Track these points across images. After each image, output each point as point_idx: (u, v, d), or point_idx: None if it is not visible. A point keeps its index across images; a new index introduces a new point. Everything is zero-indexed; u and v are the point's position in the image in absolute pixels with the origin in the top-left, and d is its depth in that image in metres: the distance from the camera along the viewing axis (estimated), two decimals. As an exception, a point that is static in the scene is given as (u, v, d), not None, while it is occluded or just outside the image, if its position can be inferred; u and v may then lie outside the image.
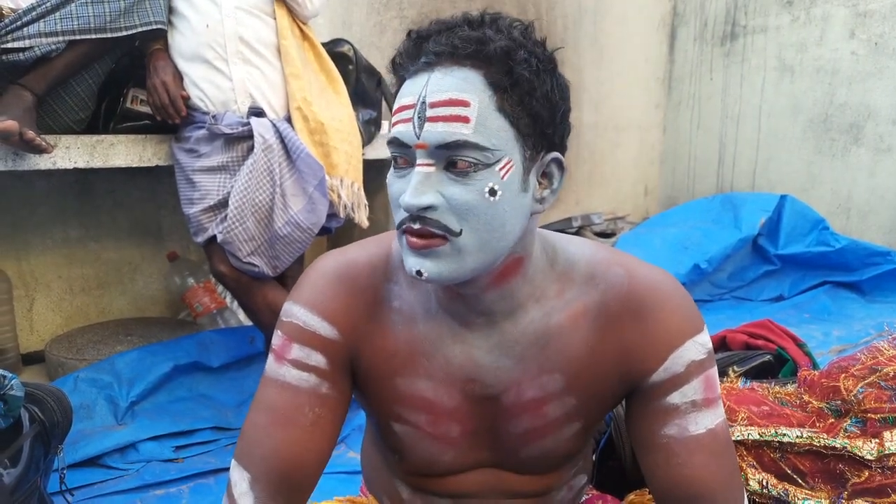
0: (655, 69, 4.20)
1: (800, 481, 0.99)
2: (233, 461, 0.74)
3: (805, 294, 3.06)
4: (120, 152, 1.70)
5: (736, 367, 1.39)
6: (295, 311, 0.75)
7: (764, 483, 0.99)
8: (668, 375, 0.72)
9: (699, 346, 0.72)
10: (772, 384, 1.20)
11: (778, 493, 0.98)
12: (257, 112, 1.65)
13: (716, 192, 3.98)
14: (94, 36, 1.52)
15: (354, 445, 1.74)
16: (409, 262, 0.66)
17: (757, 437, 1.02)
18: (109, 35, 1.54)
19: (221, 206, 1.63)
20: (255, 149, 1.59)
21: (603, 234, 3.65)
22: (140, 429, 1.73)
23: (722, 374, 1.32)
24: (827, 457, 0.98)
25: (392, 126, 0.66)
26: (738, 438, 1.02)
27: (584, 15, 3.72)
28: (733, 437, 0.98)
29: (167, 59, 1.65)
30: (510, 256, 0.69)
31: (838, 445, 0.97)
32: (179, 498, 1.54)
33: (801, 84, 3.59)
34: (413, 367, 0.76)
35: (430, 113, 0.62)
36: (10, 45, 1.46)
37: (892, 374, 0.99)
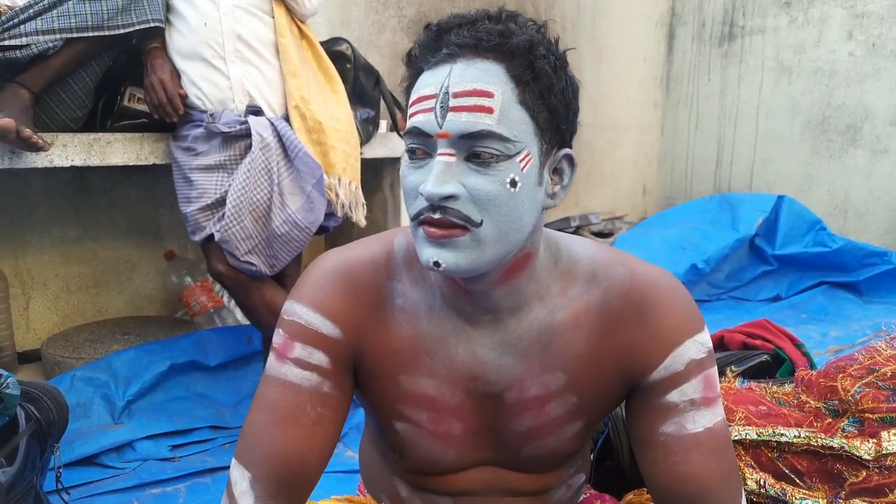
0: (654, 69, 4.20)
1: (797, 481, 0.99)
2: (233, 460, 0.74)
3: (802, 294, 3.07)
4: (117, 150, 1.70)
5: (734, 367, 1.40)
6: (297, 309, 0.74)
7: (762, 483, 1.00)
8: (668, 374, 0.72)
9: (699, 345, 0.73)
10: (769, 384, 1.20)
11: (775, 493, 0.99)
12: (255, 111, 1.64)
13: (713, 192, 3.99)
14: (91, 34, 1.52)
15: (352, 444, 1.74)
16: (425, 254, 0.65)
17: (755, 436, 1.02)
18: (107, 33, 1.53)
19: (219, 204, 1.62)
20: (252, 147, 1.59)
21: (601, 234, 3.65)
22: (137, 428, 1.73)
23: (720, 373, 1.32)
24: (824, 456, 0.98)
25: (410, 117, 0.65)
26: (735, 438, 1.02)
27: (582, 15, 3.72)
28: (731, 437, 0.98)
29: (165, 58, 1.65)
30: (521, 251, 0.69)
31: (836, 445, 0.97)
32: (176, 497, 1.54)
33: (799, 85, 3.60)
34: (416, 364, 0.75)
35: (453, 103, 0.62)
36: (6, 43, 1.45)
37: (889, 374, 0.99)
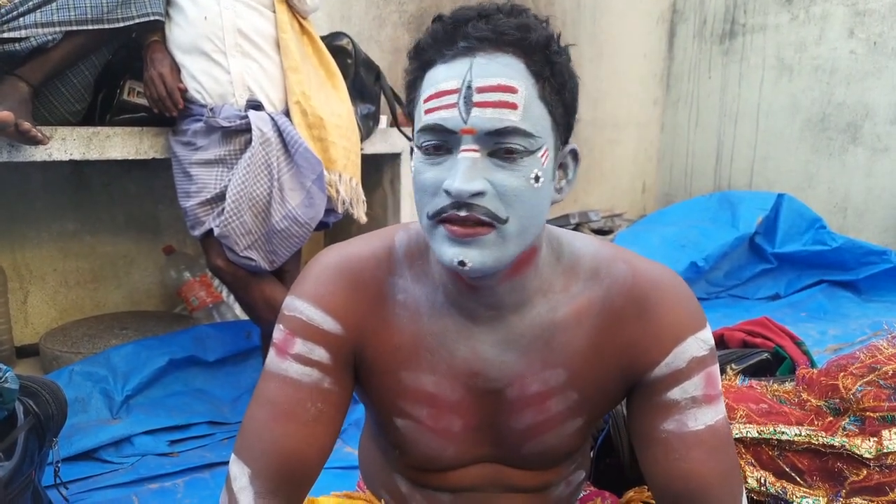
0: (654, 66, 4.19)
1: (798, 479, 0.99)
2: (232, 455, 0.74)
3: (801, 293, 3.07)
4: (116, 144, 1.69)
5: (734, 365, 1.39)
6: (298, 305, 0.74)
7: (762, 481, 0.99)
8: (670, 371, 0.72)
9: (701, 342, 0.72)
10: (770, 382, 1.20)
11: (776, 491, 0.98)
12: (255, 105, 1.63)
13: (713, 190, 3.98)
14: (90, 27, 1.51)
15: (351, 441, 1.73)
16: (448, 253, 0.63)
17: (755, 434, 1.02)
18: (106, 26, 1.52)
19: (219, 199, 1.62)
20: (252, 142, 1.58)
21: (600, 232, 3.65)
22: (135, 423, 1.73)
23: (720, 371, 1.32)
24: (825, 455, 0.98)
25: (427, 113, 0.63)
26: (736, 436, 1.02)
27: (582, 11, 3.71)
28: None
29: (164, 51, 1.64)
30: (528, 246, 0.69)
31: (837, 444, 0.97)
32: (174, 492, 1.54)
33: (800, 83, 3.59)
34: (417, 361, 0.75)
35: (477, 98, 0.61)
36: (6, 36, 1.45)
37: (890, 372, 0.99)
